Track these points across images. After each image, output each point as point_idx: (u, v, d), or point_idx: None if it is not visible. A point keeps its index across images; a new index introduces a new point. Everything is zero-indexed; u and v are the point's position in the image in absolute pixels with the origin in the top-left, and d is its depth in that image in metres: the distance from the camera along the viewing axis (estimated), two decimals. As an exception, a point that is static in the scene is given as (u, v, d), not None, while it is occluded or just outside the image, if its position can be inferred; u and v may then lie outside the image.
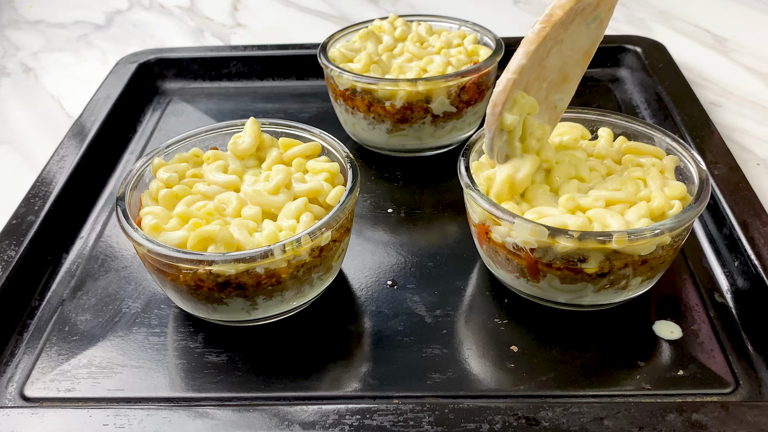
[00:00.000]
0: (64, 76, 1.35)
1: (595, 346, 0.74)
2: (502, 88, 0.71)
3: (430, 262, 0.85)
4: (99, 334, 0.77)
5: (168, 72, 1.25)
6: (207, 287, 0.70)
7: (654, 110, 1.09)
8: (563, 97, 0.80)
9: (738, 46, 1.36)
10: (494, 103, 0.72)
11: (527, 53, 0.70)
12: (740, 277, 0.79)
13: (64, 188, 0.93)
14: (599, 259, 0.69)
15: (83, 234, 0.91)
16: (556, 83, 0.77)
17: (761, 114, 1.15)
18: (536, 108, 0.76)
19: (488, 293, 0.81)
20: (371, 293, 0.81)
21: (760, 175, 1.00)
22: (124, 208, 0.73)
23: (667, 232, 0.68)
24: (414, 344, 0.75)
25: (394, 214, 0.93)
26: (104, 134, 1.06)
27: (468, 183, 0.75)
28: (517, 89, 0.72)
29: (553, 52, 0.73)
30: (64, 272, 0.86)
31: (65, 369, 0.74)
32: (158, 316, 0.79)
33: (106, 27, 1.55)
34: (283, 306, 0.75)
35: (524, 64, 0.70)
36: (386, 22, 1.07)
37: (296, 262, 0.71)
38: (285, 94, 1.22)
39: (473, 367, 0.72)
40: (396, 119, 0.97)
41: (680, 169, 0.78)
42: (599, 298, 0.74)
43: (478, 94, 0.98)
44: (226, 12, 1.59)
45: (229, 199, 0.75)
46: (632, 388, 0.70)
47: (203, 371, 0.73)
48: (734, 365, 0.71)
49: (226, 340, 0.76)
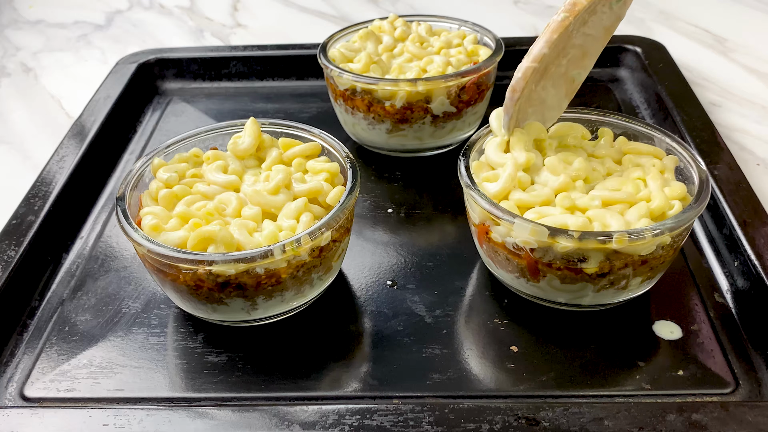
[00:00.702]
0: (64, 76, 1.35)
1: (595, 346, 0.74)
2: (522, 75, 0.72)
3: (429, 262, 0.85)
4: (99, 334, 0.77)
5: (168, 72, 1.25)
6: (207, 287, 0.70)
7: (654, 110, 1.10)
8: (581, 72, 0.80)
9: (738, 46, 1.36)
10: (513, 88, 0.73)
11: (549, 42, 0.70)
12: (740, 277, 0.79)
13: (64, 188, 0.93)
14: (599, 259, 0.69)
15: (83, 234, 0.91)
16: (576, 59, 0.77)
17: (761, 114, 1.15)
18: (544, 131, 0.76)
19: (488, 293, 0.81)
20: (371, 293, 0.81)
21: (760, 175, 1.00)
22: (124, 208, 0.73)
23: (667, 232, 0.68)
24: (414, 344, 0.75)
25: (394, 214, 0.93)
26: (104, 134, 1.06)
27: (468, 183, 0.75)
28: (537, 72, 0.72)
29: (575, 34, 0.73)
30: (64, 272, 0.86)
31: (65, 369, 0.74)
32: (158, 316, 0.79)
33: (106, 27, 1.55)
34: (283, 306, 0.75)
35: (546, 54, 0.70)
36: (386, 23, 1.07)
37: (296, 262, 0.71)
38: (285, 94, 1.22)
39: (473, 367, 0.72)
40: (396, 119, 0.97)
41: (680, 169, 0.78)
42: (599, 298, 0.74)
43: (478, 94, 0.98)
44: (226, 12, 1.59)
45: (229, 199, 0.75)
46: (632, 388, 0.70)
47: (203, 371, 0.73)
48: (734, 365, 0.72)
49: (226, 340, 0.76)
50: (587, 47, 0.77)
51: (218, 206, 0.74)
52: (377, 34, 1.05)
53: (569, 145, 0.80)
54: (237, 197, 0.75)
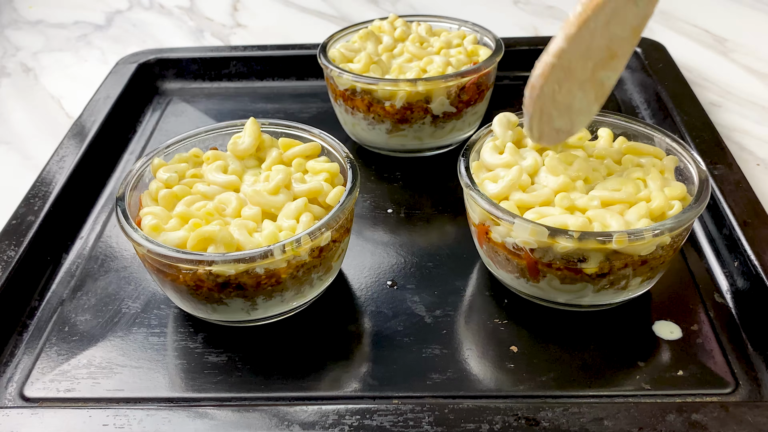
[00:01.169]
0: (64, 76, 1.35)
1: (594, 346, 0.74)
2: (540, 72, 0.70)
3: (429, 263, 0.85)
4: (99, 334, 0.77)
5: (168, 72, 1.26)
6: (207, 287, 0.70)
7: (654, 110, 1.10)
8: (611, 75, 0.76)
9: (738, 46, 1.36)
10: (532, 85, 0.71)
11: (567, 37, 0.68)
12: (740, 277, 0.79)
13: (64, 188, 0.93)
14: (599, 260, 0.69)
15: (83, 234, 0.91)
16: (603, 61, 0.74)
17: (761, 114, 1.15)
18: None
19: (488, 293, 0.81)
20: (371, 293, 0.81)
21: (760, 175, 1.00)
22: (124, 209, 0.73)
23: (667, 233, 0.68)
24: (414, 344, 0.75)
25: (393, 215, 0.93)
26: (104, 134, 1.06)
27: (468, 183, 0.75)
28: (559, 71, 0.70)
29: (598, 33, 0.71)
30: (64, 272, 0.86)
31: (65, 369, 0.74)
32: (158, 317, 0.79)
33: (106, 27, 1.55)
34: (283, 306, 0.75)
35: (564, 48, 0.68)
36: (386, 23, 1.07)
37: (296, 263, 0.71)
38: (285, 94, 1.22)
39: (473, 368, 0.72)
40: (396, 119, 0.97)
41: (680, 169, 0.78)
42: (599, 299, 0.74)
43: (478, 94, 0.98)
44: (226, 12, 1.59)
45: (228, 199, 0.75)
46: (632, 389, 0.70)
47: (203, 371, 0.73)
48: (734, 365, 0.72)
49: (225, 340, 0.76)
50: (615, 48, 0.74)
51: (218, 206, 0.74)
52: (377, 35, 1.05)
53: (569, 145, 0.80)
54: (237, 197, 0.75)
